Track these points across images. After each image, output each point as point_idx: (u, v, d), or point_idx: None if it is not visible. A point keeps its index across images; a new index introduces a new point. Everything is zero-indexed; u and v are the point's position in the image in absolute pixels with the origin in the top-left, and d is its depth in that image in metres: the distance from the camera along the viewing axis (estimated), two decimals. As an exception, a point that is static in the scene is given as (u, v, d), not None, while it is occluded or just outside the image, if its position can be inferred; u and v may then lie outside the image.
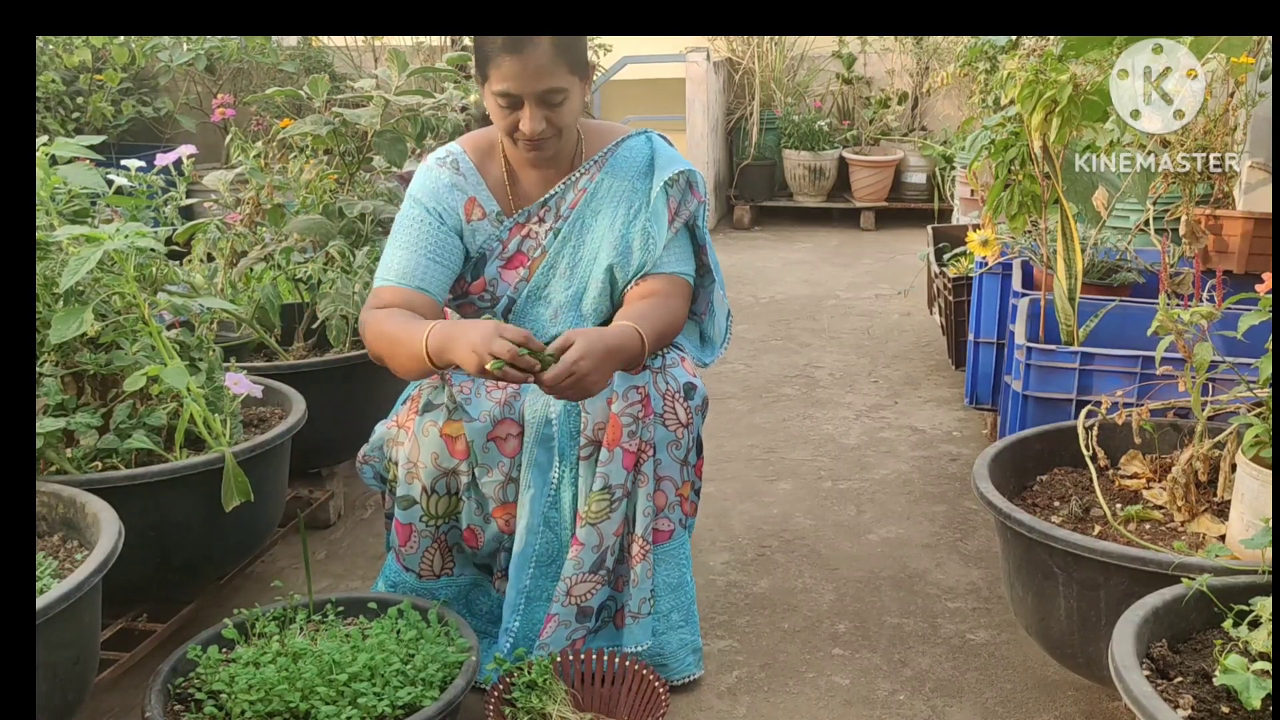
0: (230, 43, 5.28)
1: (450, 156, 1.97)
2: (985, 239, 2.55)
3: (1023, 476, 1.97)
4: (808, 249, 5.97)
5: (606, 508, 1.85)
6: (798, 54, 6.77)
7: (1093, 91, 2.18)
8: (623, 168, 1.96)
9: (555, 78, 1.80)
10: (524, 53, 1.77)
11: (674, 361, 1.91)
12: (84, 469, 1.92)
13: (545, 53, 1.78)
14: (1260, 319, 1.61)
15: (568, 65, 1.81)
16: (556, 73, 1.80)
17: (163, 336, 2.01)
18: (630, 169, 1.96)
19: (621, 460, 1.83)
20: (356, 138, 2.89)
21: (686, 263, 1.99)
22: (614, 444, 1.83)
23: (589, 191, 1.95)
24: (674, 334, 1.94)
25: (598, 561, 1.87)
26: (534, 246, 1.96)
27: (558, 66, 1.80)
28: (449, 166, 1.96)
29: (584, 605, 1.89)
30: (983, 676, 1.97)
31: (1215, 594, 1.40)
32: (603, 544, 1.87)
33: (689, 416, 1.88)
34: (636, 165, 1.97)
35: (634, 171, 1.97)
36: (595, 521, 1.85)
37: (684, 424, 1.87)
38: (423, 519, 1.91)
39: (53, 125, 4.84)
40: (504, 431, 1.90)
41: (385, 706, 1.59)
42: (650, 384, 1.86)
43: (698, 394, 1.90)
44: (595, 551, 1.86)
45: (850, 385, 3.63)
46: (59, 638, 1.49)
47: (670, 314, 1.92)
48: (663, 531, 1.90)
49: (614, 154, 1.97)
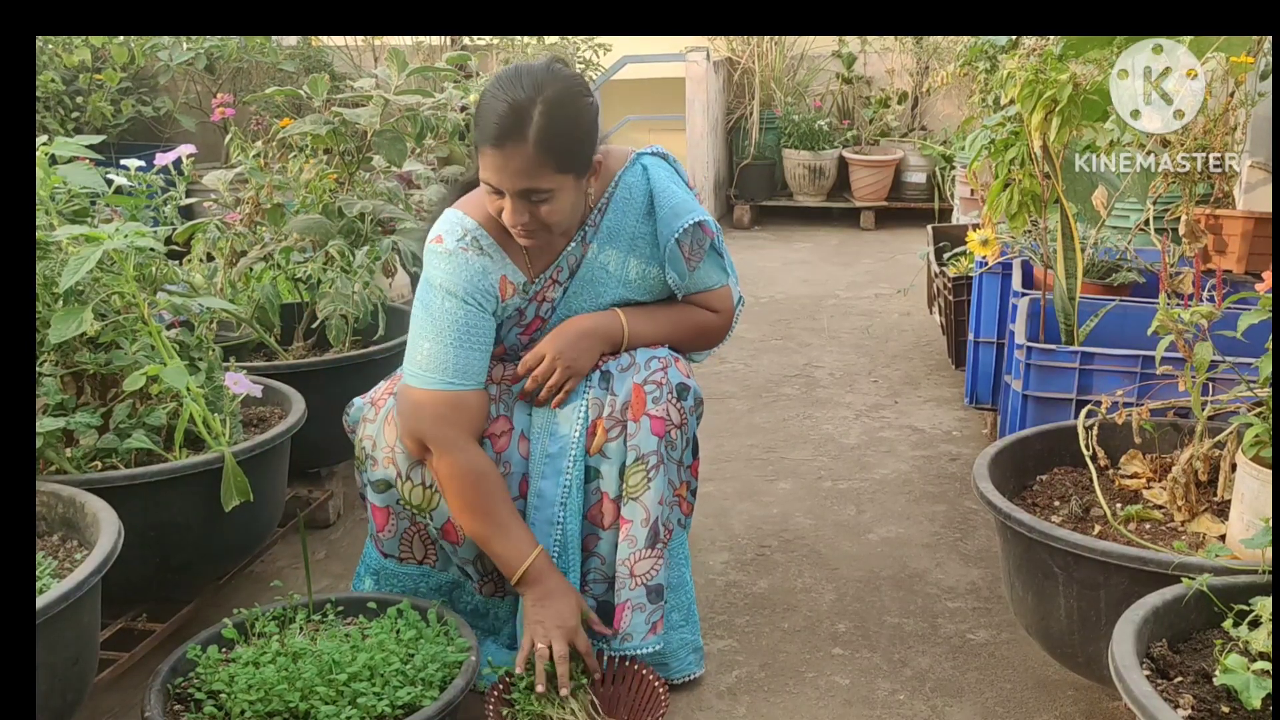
0: (230, 42, 5.27)
1: (467, 235, 1.84)
2: (985, 238, 2.55)
3: (1023, 476, 1.97)
4: (808, 248, 5.97)
5: (644, 479, 1.83)
6: (797, 53, 6.76)
7: (1093, 91, 2.18)
8: (623, 209, 1.90)
9: (538, 179, 1.71)
10: (505, 149, 1.69)
11: (667, 361, 1.90)
12: (83, 469, 1.92)
13: (526, 154, 1.69)
14: (1260, 318, 1.61)
15: (554, 165, 1.71)
16: (540, 174, 1.71)
17: (162, 336, 2.01)
18: (632, 209, 1.90)
19: (650, 428, 1.83)
20: (356, 137, 2.89)
21: (711, 276, 1.99)
22: (639, 414, 1.83)
23: (593, 244, 1.90)
24: (693, 332, 1.99)
25: (651, 536, 1.84)
26: (548, 308, 1.94)
27: (541, 167, 1.70)
28: (473, 249, 1.83)
29: (651, 584, 1.85)
30: (983, 676, 1.97)
31: (1215, 594, 1.40)
32: (650, 517, 1.84)
33: (682, 417, 1.88)
34: (636, 205, 1.90)
35: (636, 212, 1.90)
36: (636, 495, 1.84)
37: (677, 424, 1.87)
38: (400, 503, 1.89)
39: (52, 125, 4.84)
40: (496, 428, 1.89)
41: (385, 706, 1.59)
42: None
43: (691, 394, 1.89)
44: (645, 525, 1.84)
45: (850, 385, 3.63)
46: (58, 638, 1.49)
47: (684, 316, 1.98)
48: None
49: (615, 195, 1.90)
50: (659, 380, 1.85)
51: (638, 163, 1.93)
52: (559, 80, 1.74)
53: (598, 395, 1.88)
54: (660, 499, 1.85)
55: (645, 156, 1.94)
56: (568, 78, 1.76)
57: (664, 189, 1.91)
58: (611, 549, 1.88)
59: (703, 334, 2.02)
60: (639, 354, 1.91)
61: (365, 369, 2.56)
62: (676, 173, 1.99)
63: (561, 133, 1.71)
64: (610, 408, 1.86)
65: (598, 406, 1.87)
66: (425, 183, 3.33)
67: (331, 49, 5.87)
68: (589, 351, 1.89)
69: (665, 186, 1.91)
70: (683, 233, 1.88)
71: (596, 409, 1.87)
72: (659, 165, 1.95)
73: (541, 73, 1.74)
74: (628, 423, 1.84)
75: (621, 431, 1.85)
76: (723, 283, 2.01)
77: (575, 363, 1.88)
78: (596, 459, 1.86)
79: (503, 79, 1.74)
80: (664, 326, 1.96)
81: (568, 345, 1.88)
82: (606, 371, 1.90)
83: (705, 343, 2.05)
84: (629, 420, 1.84)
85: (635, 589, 1.85)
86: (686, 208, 1.89)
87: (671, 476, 1.88)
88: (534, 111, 1.69)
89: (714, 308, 2.01)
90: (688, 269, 1.93)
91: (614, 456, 1.85)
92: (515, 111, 1.69)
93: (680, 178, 1.98)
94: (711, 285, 1.99)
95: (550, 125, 1.69)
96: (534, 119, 1.69)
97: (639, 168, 1.92)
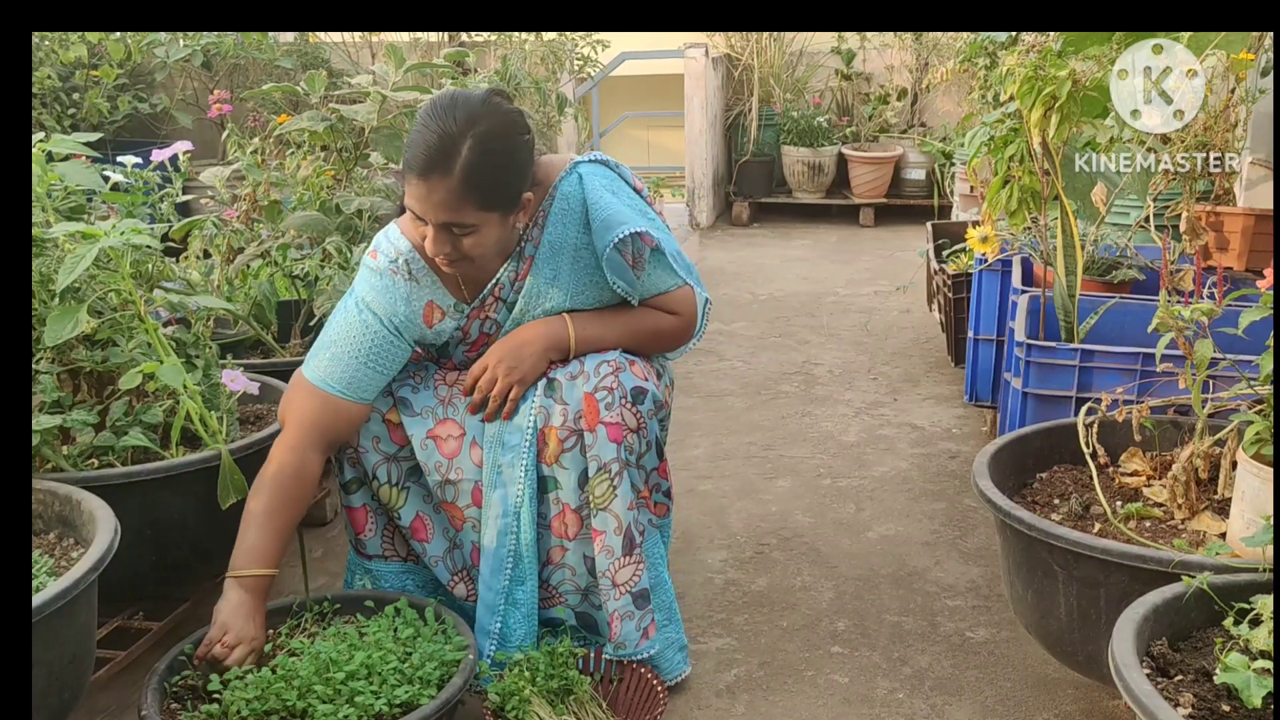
0: (227, 39, 5.27)
1: (400, 258, 1.83)
2: (985, 235, 2.54)
3: (1022, 474, 1.97)
4: (806, 246, 5.96)
5: (609, 488, 1.81)
6: (796, 50, 6.76)
7: (1092, 87, 2.17)
8: (562, 220, 1.86)
9: (460, 213, 1.69)
10: (430, 180, 1.67)
11: (619, 365, 1.86)
12: (80, 466, 1.91)
13: (450, 188, 1.66)
14: (1261, 315, 1.61)
15: (478, 202, 1.69)
16: (462, 209, 1.69)
17: (159, 333, 2.00)
18: (571, 219, 1.86)
19: (606, 435, 1.80)
20: (353, 134, 2.88)
21: (664, 280, 1.93)
22: (594, 423, 1.80)
23: (535, 259, 1.87)
24: (650, 335, 1.94)
25: (626, 543, 1.83)
26: (492, 324, 1.92)
27: (464, 203, 1.68)
28: (402, 273, 1.83)
29: (635, 590, 1.85)
30: (982, 675, 1.96)
31: (1216, 592, 1.40)
32: (621, 525, 1.82)
33: (639, 420, 1.83)
34: (574, 215, 1.86)
35: (575, 222, 1.86)
36: (604, 505, 1.82)
37: (633, 429, 1.83)
38: (374, 497, 1.91)
39: (49, 122, 4.83)
40: (444, 431, 1.88)
41: (383, 705, 1.58)
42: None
43: (648, 398, 1.85)
44: (618, 534, 1.83)
45: (849, 382, 3.63)
46: (55, 636, 1.48)
47: (639, 319, 1.93)
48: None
49: (552, 207, 1.86)
50: (610, 386, 1.82)
51: (574, 172, 1.88)
52: (494, 115, 1.70)
53: (544, 404, 1.85)
54: (629, 504, 1.83)
55: (582, 165, 1.90)
56: (504, 113, 1.73)
57: (597, 200, 1.85)
58: (580, 560, 1.87)
59: (661, 336, 1.96)
60: (588, 360, 1.87)
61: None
62: (620, 177, 1.94)
63: (489, 170, 1.69)
64: (563, 417, 1.83)
65: (544, 414, 1.85)
66: (423, 179, 3.31)
67: (329, 45, 5.86)
68: (532, 358, 1.86)
69: (598, 197, 1.85)
70: (619, 242, 1.83)
71: (543, 417, 1.85)
72: (595, 174, 1.89)
73: (477, 105, 1.70)
74: (583, 433, 1.81)
75: (578, 441, 1.82)
76: (678, 284, 1.94)
77: (517, 370, 1.85)
78: (553, 469, 1.84)
79: (437, 107, 1.70)
80: (616, 330, 1.91)
81: (508, 353, 1.86)
82: (553, 379, 1.87)
83: (666, 345, 1.99)
84: (584, 430, 1.81)
85: (620, 598, 1.84)
86: (619, 218, 1.83)
87: (635, 481, 1.85)
88: (463, 146, 1.66)
89: (672, 310, 1.94)
90: (634, 276, 1.89)
91: (571, 467, 1.83)
92: (444, 143, 1.66)
93: (624, 182, 1.94)
94: (666, 288, 1.93)
95: (478, 161, 1.67)
96: (462, 154, 1.66)
97: (575, 177, 1.87)
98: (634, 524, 1.84)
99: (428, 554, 1.93)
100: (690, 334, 2.01)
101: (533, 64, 5.12)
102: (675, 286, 1.94)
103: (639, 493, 1.87)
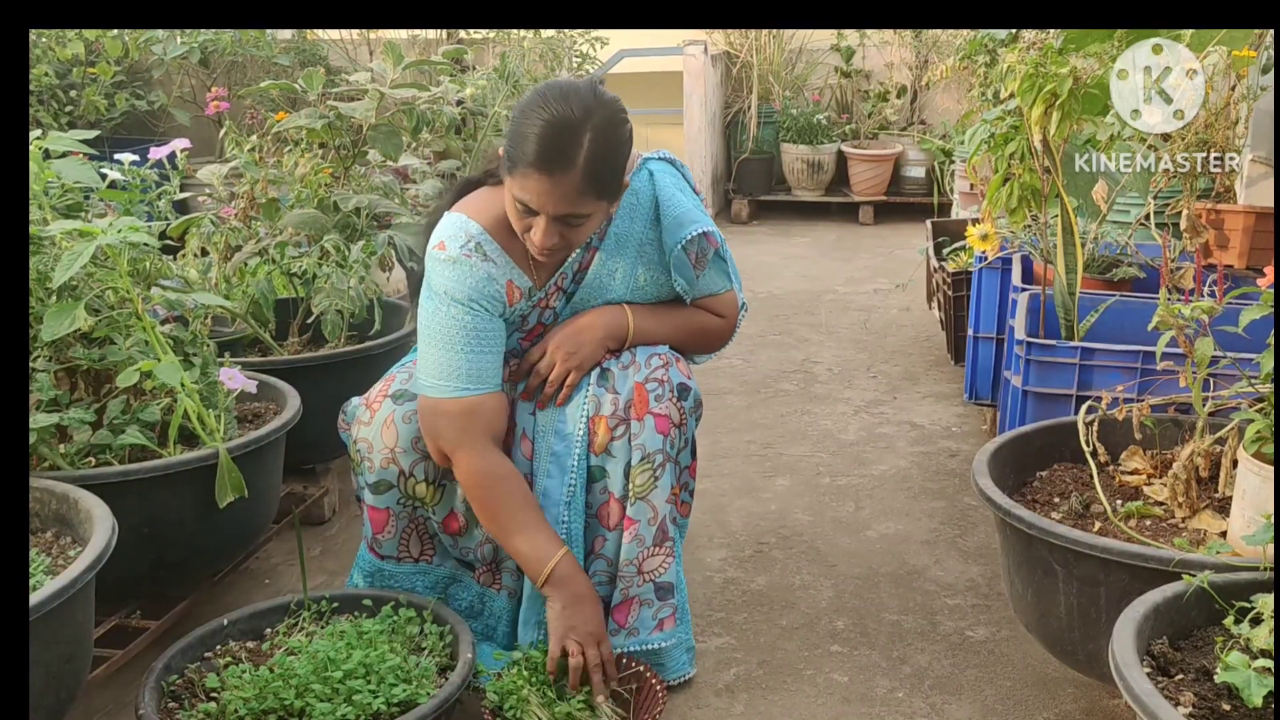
0: (224, 36, 5.25)
1: (472, 241, 1.79)
2: (985, 233, 2.54)
3: (1022, 472, 1.96)
4: (806, 243, 5.96)
5: (651, 478, 1.82)
6: (796, 47, 6.75)
7: (1093, 85, 2.17)
8: (630, 215, 1.89)
9: (579, 204, 1.69)
10: (554, 176, 1.65)
11: (668, 360, 1.90)
12: (77, 465, 1.91)
13: (574, 181, 1.66)
14: (1261, 314, 1.60)
15: (596, 192, 1.70)
16: (582, 200, 1.69)
17: (156, 332, 1.99)
18: (639, 215, 1.89)
19: (654, 426, 1.81)
20: (351, 131, 2.87)
21: (717, 282, 2.00)
22: (643, 413, 1.82)
23: (600, 250, 1.89)
24: (697, 334, 2.00)
25: (659, 534, 1.84)
26: (550, 314, 1.93)
27: (585, 195, 1.68)
28: (478, 255, 1.79)
29: (660, 581, 1.85)
30: (982, 674, 1.96)
31: (1216, 591, 1.40)
32: (657, 516, 1.83)
33: (682, 416, 1.86)
34: (642, 209, 1.89)
35: (643, 218, 1.89)
36: (643, 495, 1.82)
37: (677, 424, 1.85)
38: (400, 501, 1.87)
39: (46, 119, 4.81)
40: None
41: (381, 704, 1.58)
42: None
43: (691, 395, 1.88)
44: (652, 525, 1.83)
45: (849, 380, 3.62)
46: (52, 635, 1.48)
47: (690, 318, 1.99)
48: None
49: (622, 201, 1.87)
50: (661, 378, 1.85)
51: (644, 168, 1.91)
52: (606, 105, 1.71)
53: (596, 392, 1.87)
54: (667, 497, 1.84)
55: (652, 161, 1.93)
56: (612, 102, 1.73)
57: (669, 197, 1.89)
58: (616, 550, 1.87)
59: (707, 337, 2.03)
60: (639, 352, 1.91)
61: (361, 364, 2.55)
62: (684, 178, 1.98)
63: (608, 159, 1.69)
64: (613, 406, 1.84)
65: (595, 403, 1.86)
66: (421, 177, 3.31)
67: (327, 43, 5.85)
68: (591, 345, 1.89)
69: (670, 195, 1.90)
70: (688, 241, 1.88)
71: (594, 405, 1.86)
72: (665, 171, 1.93)
73: (589, 95, 1.69)
74: (631, 421, 1.83)
75: (626, 430, 1.83)
76: (727, 288, 2.02)
77: (576, 356, 1.88)
78: (602, 458, 1.85)
79: (549, 97, 1.68)
80: (669, 326, 1.96)
81: (567, 339, 1.88)
82: (606, 369, 1.89)
83: (708, 345, 2.06)
84: (633, 419, 1.83)
85: (643, 585, 1.85)
86: (691, 217, 1.88)
87: (673, 475, 1.87)
88: (584, 137, 1.66)
89: (719, 312, 2.02)
90: (694, 275, 1.93)
91: (619, 455, 1.84)
92: (566, 135, 1.65)
93: (687, 183, 1.97)
94: (717, 291, 2.00)
95: (599, 152, 1.67)
96: (584, 145, 1.66)
97: (645, 173, 1.91)
98: (669, 516, 1.85)
99: (458, 545, 1.92)
100: (729, 337, 2.07)
101: (531, 61, 5.11)
102: (725, 290, 2.01)
103: (673, 489, 1.88)
